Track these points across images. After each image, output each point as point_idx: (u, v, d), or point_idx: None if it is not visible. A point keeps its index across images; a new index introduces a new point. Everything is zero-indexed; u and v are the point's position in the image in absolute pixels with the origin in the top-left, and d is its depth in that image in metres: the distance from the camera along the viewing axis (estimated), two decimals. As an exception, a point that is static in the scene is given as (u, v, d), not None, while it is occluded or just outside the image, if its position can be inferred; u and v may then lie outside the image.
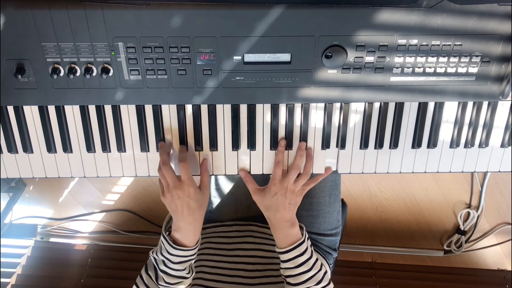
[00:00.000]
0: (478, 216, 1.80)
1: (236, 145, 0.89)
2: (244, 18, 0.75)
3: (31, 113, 0.87)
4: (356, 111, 0.87)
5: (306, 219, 1.07)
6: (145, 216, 1.88)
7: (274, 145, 0.89)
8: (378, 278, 1.66)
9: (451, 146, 0.90)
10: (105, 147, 0.89)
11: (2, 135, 0.88)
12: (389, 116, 0.88)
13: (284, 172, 0.88)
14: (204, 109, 0.87)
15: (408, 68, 0.80)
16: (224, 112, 0.87)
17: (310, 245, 0.88)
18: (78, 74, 0.80)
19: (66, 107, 0.86)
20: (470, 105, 0.87)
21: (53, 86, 0.81)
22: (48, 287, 1.62)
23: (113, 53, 0.78)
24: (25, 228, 1.90)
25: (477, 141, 0.90)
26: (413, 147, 0.90)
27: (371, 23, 0.76)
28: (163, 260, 0.86)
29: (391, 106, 0.87)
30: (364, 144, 0.89)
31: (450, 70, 0.81)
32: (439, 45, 0.78)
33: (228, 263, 0.97)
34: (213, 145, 0.89)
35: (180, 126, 0.88)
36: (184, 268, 0.87)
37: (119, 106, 0.86)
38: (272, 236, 0.89)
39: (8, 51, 0.77)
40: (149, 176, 0.91)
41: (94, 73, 0.80)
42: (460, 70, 0.81)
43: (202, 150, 0.90)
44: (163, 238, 0.86)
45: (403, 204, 1.84)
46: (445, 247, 1.88)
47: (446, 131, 0.89)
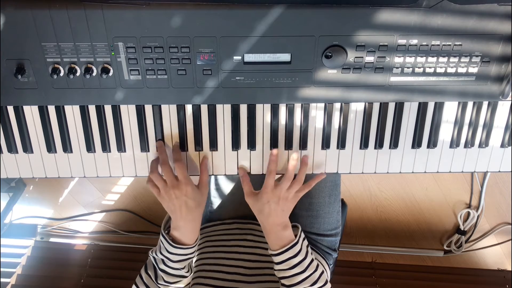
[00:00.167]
0: (478, 216, 1.80)
1: (236, 145, 0.89)
2: (244, 18, 0.75)
3: (31, 113, 0.87)
4: (356, 111, 0.87)
5: (306, 219, 1.07)
6: (145, 216, 1.88)
7: (274, 145, 0.89)
8: (378, 278, 1.66)
9: (451, 146, 0.90)
10: (105, 147, 0.89)
11: (2, 135, 0.88)
12: (389, 116, 0.88)
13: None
14: (204, 109, 0.87)
15: (408, 68, 0.80)
16: (224, 112, 0.87)
17: (306, 246, 0.88)
18: (78, 74, 0.80)
19: (66, 107, 0.86)
20: (470, 105, 0.87)
21: (53, 86, 0.81)
22: (48, 287, 1.62)
23: (113, 53, 0.78)
24: (25, 228, 1.90)
25: (477, 141, 0.90)
26: (413, 147, 0.90)
27: (371, 23, 0.76)
28: (163, 259, 0.86)
29: (391, 106, 0.87)
30: (364, 144, 0.89)
31: (450, 70, 0.81)
32: (439, 45, 0.78)
33: (228, 260, 0.97)
34: (213, 145, 0.89)
35: (180, 126, 0.88)
36: (183, 267, 0.88)
37: (119, 106, 0.86)
38: None
39: (8, 51, 0.77)
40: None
41: (94, 73, 0.80)
42: (460, 70, 0.81)
43: (202, 150, 0.90)
44: (162, 237, 0.86)
45: (403, 204, 1.84)
46: (445, 247, 1.88)
47: (446, 131, 0.89)
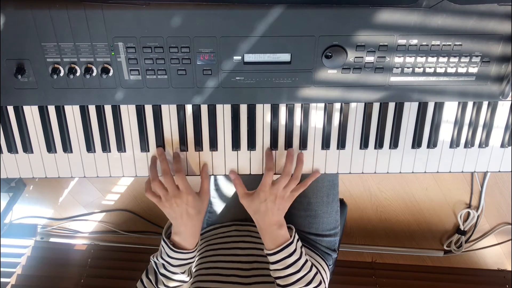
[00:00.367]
0: (478, 216, 1.80)
1: (236, 145, 0.89)
2: (244, 18, 0.75)
3: (31, 113, 0.87)
4: (356, 111, 0.87)
5: (305, 220, 1.07)
6: (145, 216, 1.88)
7: (274, 145, 0.89)
8: (378, 278, 1.66)
9: (451, 146, 0.90)
10: (105, 147, 0.89)
11: (2, 135, 0.88)
12: (389, 116, 0.88)
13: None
14: (204, 109, 0.87)
15: (408, 68, 0.80)
16: (224, 112, 0.87)
17: (301, 247, 0.88)
18: (78, 74, 0.80)
19: (66, 107, 0.86)
20: (470, 105, 0.87)
21: (53, 86, 0.81)
22: (48, 287, 1.62)
23: (113, 53, 0.78)
24: (25, 228, 1.90)
25: (477, 141, 0.90)
26: (413, 147, 0.90)
27: (371, 23, 0.76)
28: (163, 264, 0.87)
29: (391, 106, 0.87)
30: (364, 144, 0.89)
31: (450, 70, 0.81)
32: (439, 45, 0.78)
33: (225, 263, 0.97)
34: (213, 145, 0.89)
35: (180, 126, 0.88)
36: (184, 272, 0.89)
37: (119, 106, 0.86)
38: None
39: (8, 51, 0.77)
40: (149, 174, 0.91)
41: (94, 73, 0.80)
42: (460, 70, 0.81)
43: (202, 150, 0.90)
44: (163, 242, 0.87)
45: (403, 204, 1.84)
46: (445, 247, 1.88)
47: (446, 131, 0.89)
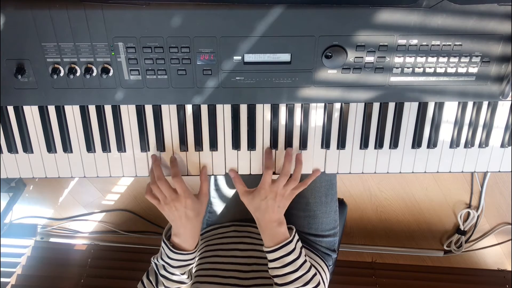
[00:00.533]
0: (478, 216, 1.80)
1: (236, 145, 0.89)
2: (244, 18, 0.75)
3: (31, 113, 0.87)
4: (356, 111, 0.87)
5: (304, 220, 1.07)
6: (145, 216, 1.88)
7: (274, 145, 0.89)
8: (378, 278, 1.66)
9: (451, 146, 0.90)
10: (105, 147, 0.89)
11: (2, 135, 0.88)
12: (389, 116, 0.88)
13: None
14: (204, 109, 0.87)
15: (408, 68, 0.80)
16: (224, 112, 0.87)
17: (300, 248, 0.88)
18: (78, 74, 0.80)
19: (66, 107, 0.86)
20: (470, 105, 0.87)
21: (53, 86, 0.81)
22: (48, 287, 1.62)
23: (113, 53, 0.78)
24: (25, 228, 1.90)
25: (477, 141, 0.90)
26: (413, 147, 0.90)
27: (371, 23, 0.76)
28: (163, 265, 0.88)
29: (391, 106, 0.87)
30: (364, 144, 0.89)
31: (450, 70, 0.81)
32: (439, 45, 0.78)
33: (224, 264, 0.98)
34: (213, 145, 0.89)
35: (180, 126, 0.88)
36: (184, 273, 0.89)
37: (119, 106, 0.86)
38: None
39: (8, 51, 0.78)
40: (149, 176, 0.91)
41: (94, 73, 0.80)
42: (460, 70, 0.81)
43: (202, 150, 0.90)
44: (163, 243, 0.88)
45: (403, 204, 1.84)
46: (445, 247, 1.88)
47: (446, 131, 0.89)
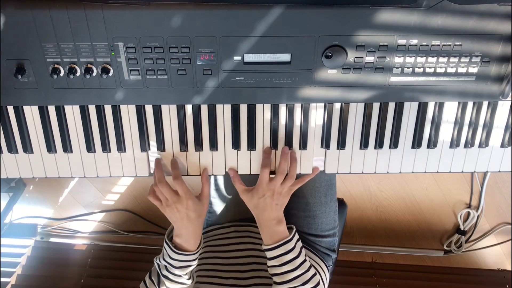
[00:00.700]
0: (478, 216, 1.80)
1: (236, 145, 0.89)
2: (244, 18, 0.75)
3: (31, 113, 0.87)
4: (356, 111, 0.87)
5: (303, 220, 1.07)
6: (145, 216, 1.88)
7: (274, 145, 0.89)
8: (378, 278, 1.66)
9: (451, 146, 0.90)
10: (105, 147, 0.89)
11: (2, 135, 0.88)
12: (389, 116, 0.88)
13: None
14: (204, 109, 0.87)
15: (408, 68, 0.80)
16: (224, 112, 0.87)
17: (301, 247, 0.88)
18: (78, 74, 0.80)
19: (66, 107, 0.86)
20: (470, 105, 0.87)
21: (53, 86, 0.81)
22: (48, 287, 1.62)
23: (113, 53, 0.78)
24: (25, 228, 1.90)
25: (477, 141, 0.90)
26: (413, 147, 0.90)
27: (371, 23, 0.76)
28: (165, 265, 0.88)
29: (391, 106, 0.87)
30: (364, 144, 0.89)
31: (450, 70, 0.81)
32: (439, 45, 0.78)
33: (224, 265, 0.98)
34: (213, 145, 0.89)
35: (180, 126, 0.88)
36: (185, 273, 0.89)
37: (119, 106, 0.86)
38: None
39: (8, 51, 0.77)
40: (149, 176, 0.91)
41: (94, 73, 0.80)
42: (460, 70, 0.81)
43: (202, 150, 0.90)
44: (165, 244, 0.88)
45: (403, 204, 1.84)
46: (445, 247, 1.88)
47: (446, 131, 0.89)
